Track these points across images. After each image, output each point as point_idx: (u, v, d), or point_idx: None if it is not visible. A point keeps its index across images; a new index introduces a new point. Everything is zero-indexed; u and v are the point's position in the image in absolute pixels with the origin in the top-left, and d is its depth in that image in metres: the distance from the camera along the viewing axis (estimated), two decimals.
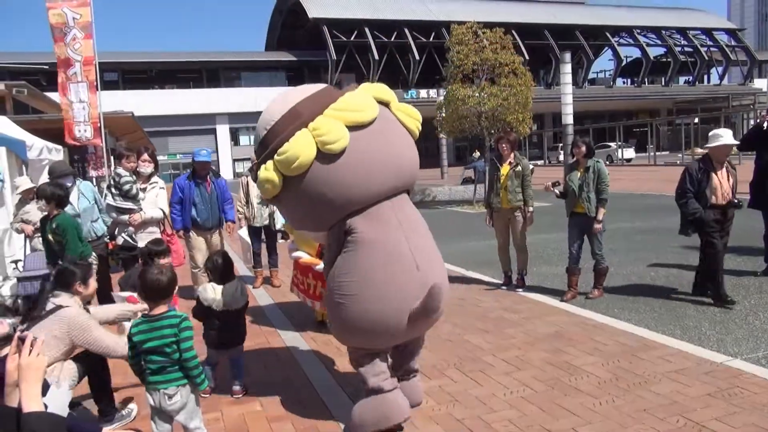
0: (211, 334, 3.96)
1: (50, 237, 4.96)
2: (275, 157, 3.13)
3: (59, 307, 3.40)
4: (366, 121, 3.16)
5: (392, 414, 3.23)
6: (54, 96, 19.12)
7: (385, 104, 3.39)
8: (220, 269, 3.99)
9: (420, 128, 3.57)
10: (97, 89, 10.37)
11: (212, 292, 3.88)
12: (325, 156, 3.08)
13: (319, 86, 3.40)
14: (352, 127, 3.12)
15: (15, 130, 9.40)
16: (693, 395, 3.54)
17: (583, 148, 5.98)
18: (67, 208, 5.64)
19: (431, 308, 3.14)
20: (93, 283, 3.70)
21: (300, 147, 3.05)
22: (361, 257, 3.15)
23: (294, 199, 3.27)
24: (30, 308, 5.19)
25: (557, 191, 6.12)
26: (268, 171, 3.18)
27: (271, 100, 3.46)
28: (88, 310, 3.67)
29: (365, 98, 3.25)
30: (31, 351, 1.86)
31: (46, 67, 25.41)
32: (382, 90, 3.42)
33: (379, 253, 3.14)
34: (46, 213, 5.09)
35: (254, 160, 3.64)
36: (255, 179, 3.66)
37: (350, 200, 3.16)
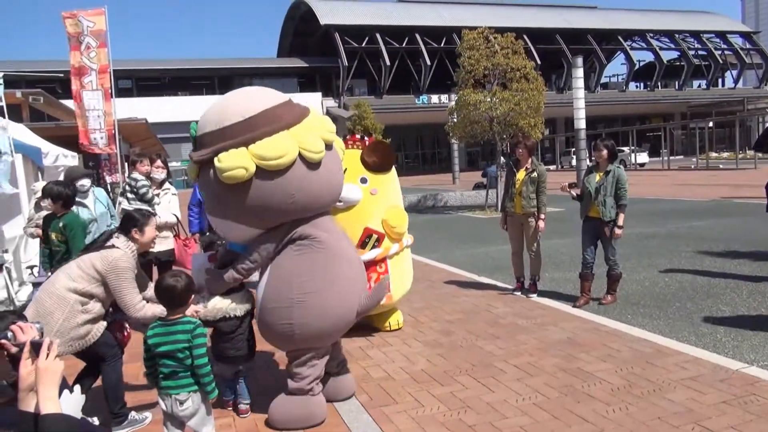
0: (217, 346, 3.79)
1: (53, 236, 4.92)
2: (254, 148, 3.21)
3: (112, 246, 3.58)
4: (331, 141, 3.57)
5: (319, 414, 3.58)
6: (69, 103, 19.40)
7: None
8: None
9: (343, 156, 3.94)
10: (112, 97, 10.50)
11: (219, 300, 3.69)
12: (304, 162, 3.33)
13: (282, 95, 3.57)
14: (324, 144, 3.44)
15: (31, 137, 9.53)
16: (708, 403, 3.50)
17: (605, 152, 5.89)
18: (85, 213, 5.71)
19: (378, 299, 3.72)
20: (150, 232, 3.77)
21: (285, 146, 3.25)
22: (320, 257, 3.48)
23: (257, 191, 3.30)
24: None
25: (574, 193, 6.07)
26: (242, 158, 3.19)
27: (233, 94, 3.60)
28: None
29: (329, 120, 3.64)
30: (48, 355, 1.89)
31: (62, 75, 25.76)
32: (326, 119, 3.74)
33: (335, 254, 3.54)
34: (51, 212, 5.04)
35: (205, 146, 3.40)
36: (198, 161, 3.41)
37: (308, 207, 3.47)
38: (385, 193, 5.17)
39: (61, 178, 8.23)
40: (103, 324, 3.61)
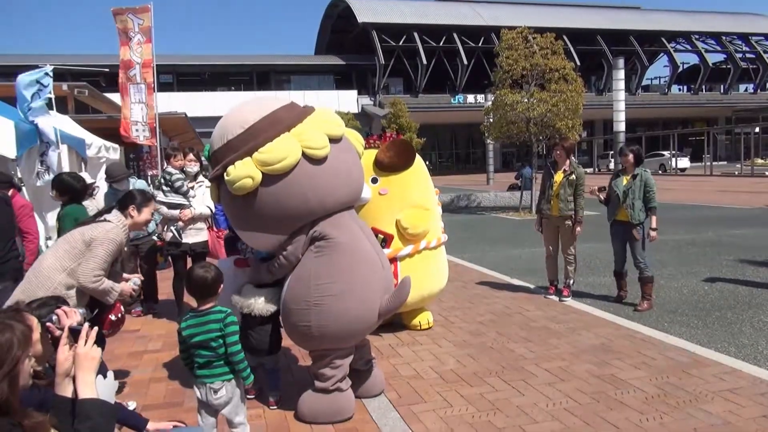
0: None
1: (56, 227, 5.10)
2: (257, 155, 3.23)
3: (105, 220, 3.54)
4: (340, 135, 3.51)
5: (348, 408, 3.59)
6: (113, 96, 19.89)
7: None
8: None
9: (362, 152, 3.90)
10: (154, 91, 10.75)
11: (251, 295, 3.68)
12: (309, 160, 3.30)
13: (281, 100, 3.59)
14: (330, 139, 3.39)
15: (76, 128, 9.82)
16: (747, 416, 3.39)
17: (630, 157, 5.96)
18: None
19: (402, 300, 3.56)
20: (146, 214, 3.72)
21: (285, 148, 3.23)
22: (338, 259, 3.42)
23: (269, 198, 3.31)
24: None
25: (602, 196, 6.10)
26: (248, 167, 3.21)
27: (234, 107, 3.59)
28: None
29: (336, 115, 3.60)
30: (86, 341, 1.95)
31: (107, 70, 26.41)
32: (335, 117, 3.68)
33: (354, 256, 3.47)
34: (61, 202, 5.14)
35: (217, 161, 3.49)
36: (213, 179, 3.55)
37: (324, 205, 3.41)
38: (398, 193, 5.04)
39: (102, 170, 8.48)
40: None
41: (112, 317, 3.61)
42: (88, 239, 3.38)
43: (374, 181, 5.00)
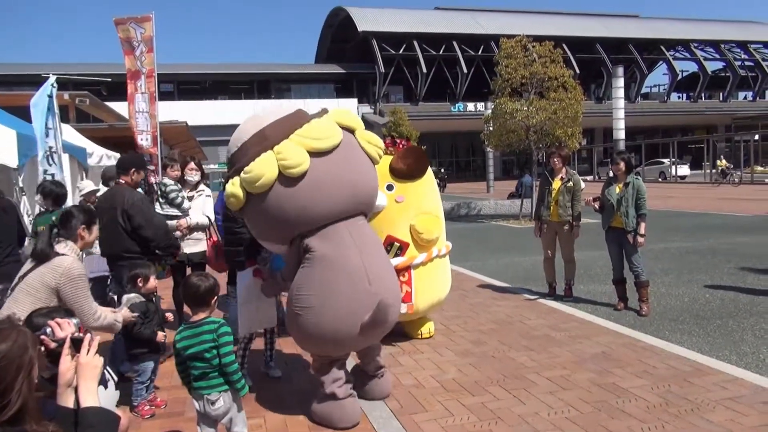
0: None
1: (41, 230, 5.17)
2: (241, 174, 3.39)
3: (57, 254, 3.19)
4: (325, 148, 3.42)
5: (340, 420, 3.57)
6: (113, 106, 19.96)
7: (350, 130, 3.66)
8: None
9: (381, 155, 3.89)
10: (156, 100, 10.80)
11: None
12: (286, 178, 3.34)
13: (290, 109, 3.65)
14: (313, 153, 3.38)
15: (77, 137, 9.86)
16: (749, 425, 3.38)
17: (622, 165, 6.09)
18: None
19: (379, 321, 3.43)
20: (96, 230, 3.49)
21: (263, 167, 3.31)
22: (316, 272, 3.46)
23: (256, 214, 3.54)
24: None
25: (596, 205, 6.24)
26: (234, 186, 3.45)
27: (246, 118, 3.73)
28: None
29: (329, 127, 3.51)
30: (89, 350, 1.95)
31: (109, 80, 26.52)
32: (349, 117, 3.71)
33: (332, 269, 3.44)
34: (44, 209, 5.38)
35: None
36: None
37: (306, 219, 3.45)
38: (413, 201, 5.07)
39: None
40: None
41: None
42: (54, 286, 3.08)
43: (390, 188, 5.00)
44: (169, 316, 4.17)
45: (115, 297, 4.88)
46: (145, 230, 4.64)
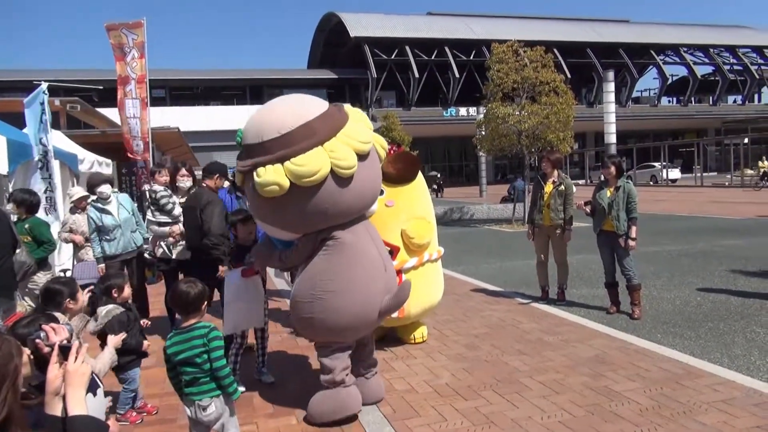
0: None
1: (22, 238, 5.18)
2: (289, 165, 3.32)
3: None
4: (367, 151, 3.59)
5: (351, 404, 3.69)
6: (105, 112, 19.86)
7: None
8: None
9: (384, 156, 4.02)
10: (147, 106, 10.76)
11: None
12: (338, 177, 3.42)
13: (323, 103, 3.67)
14: (358, 155, 3.50)
15: (68, 144, 9.79)
16: (741, 427, 3.40)
17: (612, 169, 6.13)
18: (109, 220, 5.84)
19: (402, 300, 3.75)
20: (81, 297, 3.36)
21: (318, 163, 3.33)
22: (339, 259, 3.60)
23: (292, 204, 3.47)
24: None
25: (587, 210, 6.28)
26: (277, 174, 3.34)
27: (271, 106, 3.70)
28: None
29: (367, 129, 3.66)
30: (77, 357, 1.93)
31: (101, 87, 26.38)
32: (367, 119, 3.82)
33: (356, 256, 3.64)
34: (17, 218, 5.44)
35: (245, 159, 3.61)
36: (237, 179, 3.79)
37: (342, 216, 3.60)
38: (404, 205, 5.10)
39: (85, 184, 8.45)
40: None
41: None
42: None
43: (380, 193, 5.01)
44: (145, 322, 4.18)
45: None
46: (204, 228, 5.04)
